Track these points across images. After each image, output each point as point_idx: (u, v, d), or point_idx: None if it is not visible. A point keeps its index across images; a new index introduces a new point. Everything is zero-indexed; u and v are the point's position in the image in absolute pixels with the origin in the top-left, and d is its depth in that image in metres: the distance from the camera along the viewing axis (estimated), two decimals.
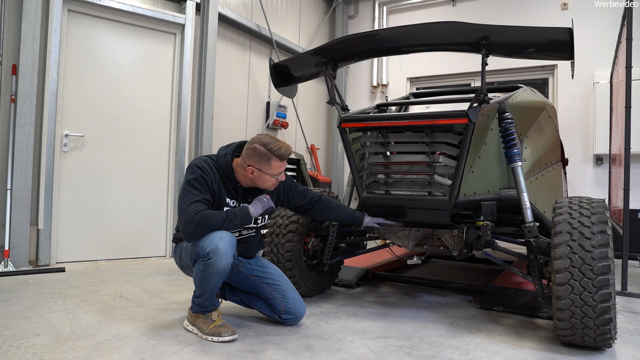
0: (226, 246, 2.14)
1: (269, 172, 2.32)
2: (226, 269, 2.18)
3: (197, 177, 2.25)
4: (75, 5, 4.11)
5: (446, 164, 2.51)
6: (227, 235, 2.18)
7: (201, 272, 2.18)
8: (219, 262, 2.13)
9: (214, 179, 2.31)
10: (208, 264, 2.14)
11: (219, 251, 2.11)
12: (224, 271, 2.18)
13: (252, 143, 2.32)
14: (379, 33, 2.80)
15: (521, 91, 3.06)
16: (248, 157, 2.31)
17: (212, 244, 2.12)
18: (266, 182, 2.35)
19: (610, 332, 2.07)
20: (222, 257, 2.13)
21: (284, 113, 6.23)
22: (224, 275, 2.21)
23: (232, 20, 5.37)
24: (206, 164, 2.32)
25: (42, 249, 3.87)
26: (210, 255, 2.12)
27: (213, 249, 2.11)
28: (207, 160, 2.35)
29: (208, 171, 2.29)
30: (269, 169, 2.31)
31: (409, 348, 2.18)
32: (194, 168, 2.29)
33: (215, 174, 2.32)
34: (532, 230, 2.47)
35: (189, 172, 2.29)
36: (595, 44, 5.74)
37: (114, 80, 4.39)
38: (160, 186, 4.70)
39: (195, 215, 2.13)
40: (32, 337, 2.16)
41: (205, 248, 2.12)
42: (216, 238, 2.14)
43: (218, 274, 2.17)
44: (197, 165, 2.29)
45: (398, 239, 2.90)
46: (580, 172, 5.80)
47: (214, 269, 2.14)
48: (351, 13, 7.51)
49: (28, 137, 3.72)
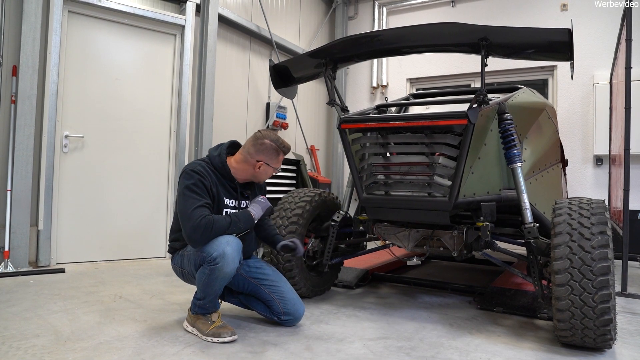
0: (233, 251, 2.14)
1: (274, 166, 2.44)
2: (232, 273, 2.19)
3: (195, 181, 2.25)
4: (76, 6, 4.12)
5: (446, 164, 2.51)
6: (233, 240, 2.18)
7: (206, 276, 2.17)
8: (226, 266, 2.13)
9: (211, 181, 2.32)
10: (215, 268, 2.13)
11: (226, 256, 2.12)
12: (230, 276, 2.19)
13: (261, 139, 2.39)
14: (378, 34, 2.81)
15: (521, 92, 3.06)
16: (258, 152, 2.38)
17: (220, 248, 2.12)
18: (267, 174, 2.46)
19: (610, 333, 2.07)
20: (229, 261, 2.13)
21: (283, 114, 6.23)
22: (228, 280, 2.22)
23: (232, 21, 5.37)
24: (201, 167, 2.32)
25: (42, 250, 3.87)
26: (218, 260, 2.12)
27: (220, 253, 2.11)
28: (201, 163, 2.36)
29: (205, 174, 2.29)
30: (276, 163, 2.45)
31: (408, 349, 2.18)
32: (190, 173, 2.28)
33: (212, 176, 2.33)
34: (532, 231, 2.47)
35: (185, 177, 2.27)
36: (595, 44, 5.75)
37: (114, 81, 4.39)
38: (160, 187, 4.71)
39: (202, 220, 2.13)
40: (32, 338, 2.16)
41: (212, 253, 2.12)
42: (223, 243, 2.14)
43: (223, 279, 2.18)
44: (193, 170, 2.29)
45: (398, 240, 2.90)
46: (580, 173, 5.80)
47: (220, 273, 2.14)
48: (351, 14, 7.52)
49: (28, 138, 3.72)
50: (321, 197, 3.16)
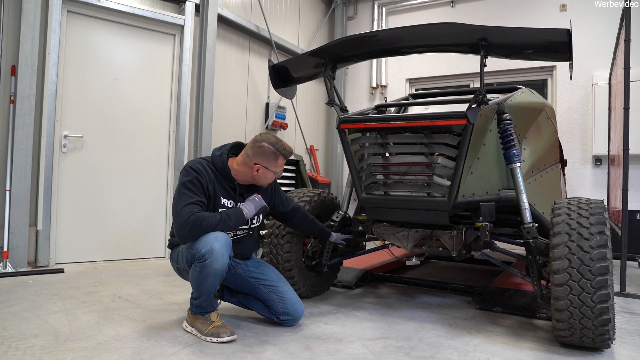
0: (221, 247, 2.14)
1: (273, 170, 2.40)
2: (222, 269, 2.18)
3: (191, 179, 2.25)
4: (75, 6, 4.12)
5: (445, 164, 2.51)
6: (222, 235, 2.18)
7: (197, 273, 2.17)
8: (215, 263, 2.13)
9: (209, 180, 2.31)
10: (204, 265, 2.13)
11: (214, 252, 2.11)
12: (221, 272, 2.18)
13: (259, 142, 2.37)
14: (378, 34, 2.81)
15: (520, 92, 3.06)
16: (255, 155, 2.36)
17: (208, 245, 2.12)
18: (267, 178, 2.42)
19: (608, 332, 2.07)
20: (218, 257, 2.13)
21: (283, 114, 6.23)
22: (220, 276, 2.21)
23: (231, 21, 5.37)
24: (200, 165, 2.32)
25: (41, 250, 3.87)
26: (206, 257, 2.12)
27: (208, 250, 2.11)
28: (202, 162, 2.36)
29: (203, 173, 2.29)
30: (275, 167, 2.40)
31: (408, 349, 2.18)
32: (188, 170, 2.29)
33: (210, 175, 2.33)
34: (531, 231, 2.47)
35: (183, 174, 2.29)
36: (594, 45, 5.75)
37: (113, 81, 4.39)
38: (159, 187, 4.70)
39: (190, 217, 2.13)
40: (31, 338, 2.16)
41: (201, 250, 2.12)
42: (211, 239, 2.14)
43: (215, 275, 2.17)
44: (191, 168, 2.30)
45: (397, 240, 2.90)
46: (579, 173, 5.81)
47: (210, 270, 2.14)
48: (350, 14, 7.52)
49: (27, 138, 3.72)
50: (320, 197, 3.16)
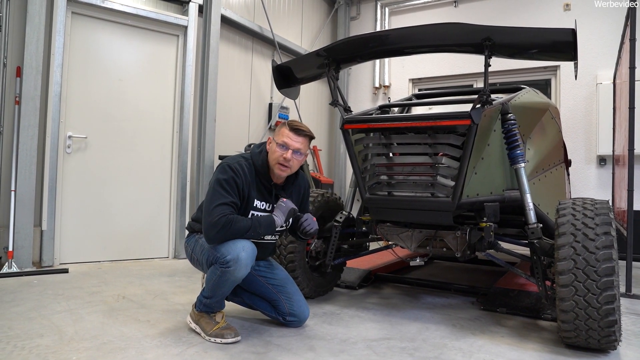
0: (247, 257, 2.14)
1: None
2: (242, 278, 2.20)
3: (228, 178, 2.22)
4: (79, 7, 4.13)
5: (449, 165, 2.51)
6: (250, 245, 2.17)
7: (217, 277, 2.17)
8: (238, 271, 2.13)
9: (245, 181, 2.27)
10: (226, 271, 2.13)
11: (240, 261, 2.11)
12: (240, 280, 2.21)
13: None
14: (381, 34, 2.80)
15: (524, 92, 3.05)
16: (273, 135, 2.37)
17: (234, 252, 2.11)
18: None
19: (614, 334, 2.06)
20: (242, 267, 2.13)
21: (286, 114, 6.23)
22: (238, 283, 2.24)
23: (234, 21, 5.38)
24: (239, 165, 2.29)
25: (46, 250, 3.88)
26: (230, 264, 2.11)
27: (234, 258, 2.10)
28: (241, 161, 2.32)
29: (240, 173, 2.26)
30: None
31: (412, 350, 2.18)
32: (226, 168, 2.26)
33: (247, 177, 2.29)
34: (536, 232, 2.46)
35: (220, 171, 2.26)
36: (599, 44, 5.73)
37: (117, 82, 4.40)
38: (162, 188, 4.71)
39: (221, 219, 2.11)
40: (36, 338, 2.16)
41: (226, 255, 2.11)
42: (239, 247, 2.12)
43: (234, 282, 2.20)
44: (229, 166, 2.26)
45: (401, 241, 2.89)
46: (584, 173, 5.78)
47: (231, 277, 2.15)
48: (353, 14, 7.52)
49: (32, 138, 3.73)
50: (324, 197, 3.15)
